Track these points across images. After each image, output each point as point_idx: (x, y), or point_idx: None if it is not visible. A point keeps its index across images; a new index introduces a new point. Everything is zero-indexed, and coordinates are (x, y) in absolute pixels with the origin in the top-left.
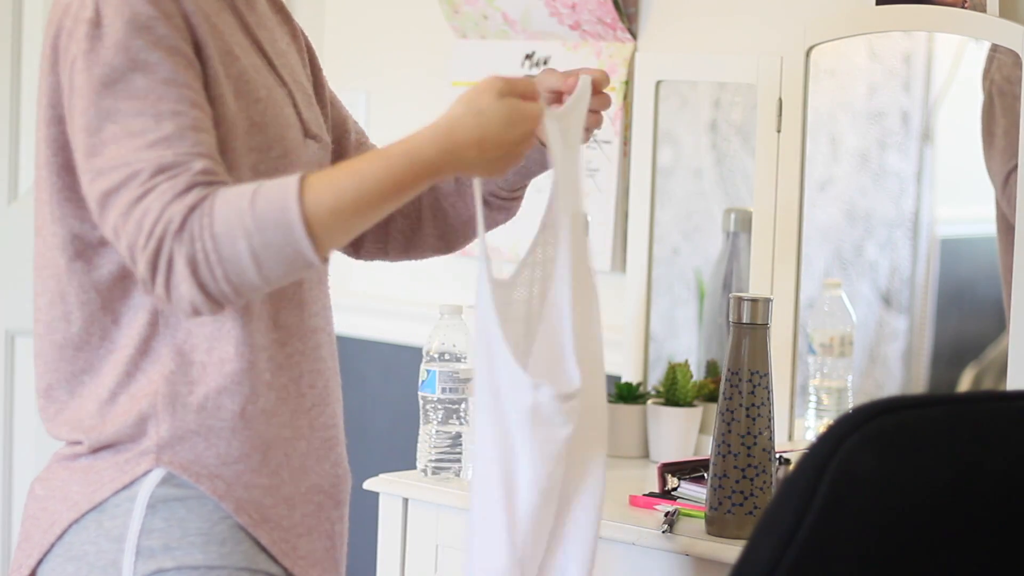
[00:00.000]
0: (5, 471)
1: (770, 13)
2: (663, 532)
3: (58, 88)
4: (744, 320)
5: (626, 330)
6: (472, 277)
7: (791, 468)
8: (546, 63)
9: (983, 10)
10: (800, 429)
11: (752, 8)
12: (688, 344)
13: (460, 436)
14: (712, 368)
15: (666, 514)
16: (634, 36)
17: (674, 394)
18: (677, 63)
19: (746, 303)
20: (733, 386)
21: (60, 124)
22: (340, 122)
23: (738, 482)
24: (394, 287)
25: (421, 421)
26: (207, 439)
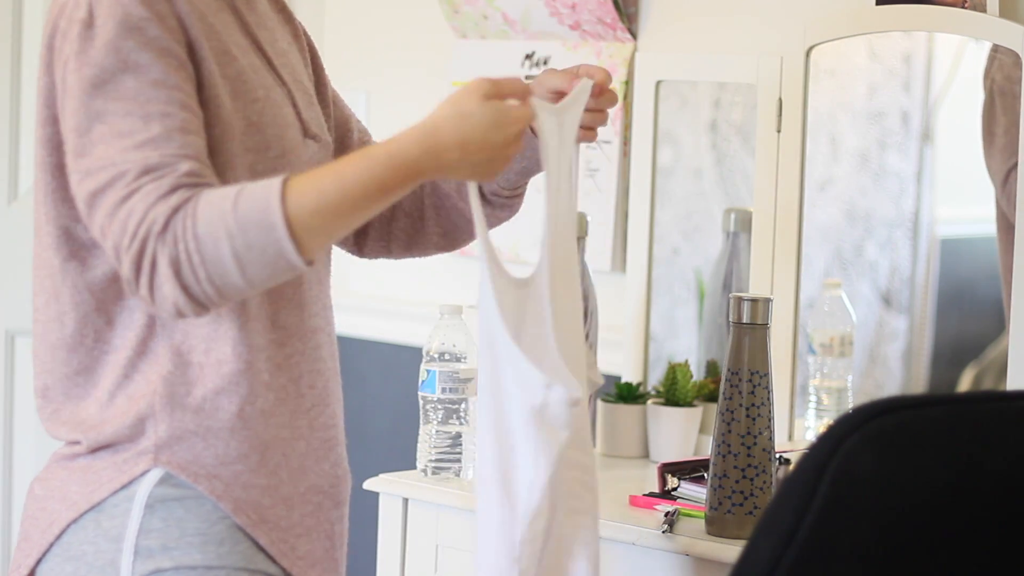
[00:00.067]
0: (5, 471)
1: (770, 13)
2: (663, 532)
3: (53, 88)
4: (744, 320)
5: (626, 330)
6: (472, 277)
7: (791, 468)
8: (546, 63)
9: (983, 10)
10: (800, 429)
11: (752, 8)
12: (688, 344)
13: (460, 436)
14: (712, 368)
15: (666, 514)
16: (634, 36)
17: (674, 394)
18: (677, 63)
19: (746, 303)
20: (733, 386)
21: (55, 124)
22: (343, 121)
23: (738, 482)
24: (394, 287)
25: (421, 421)
26: (205, 439)
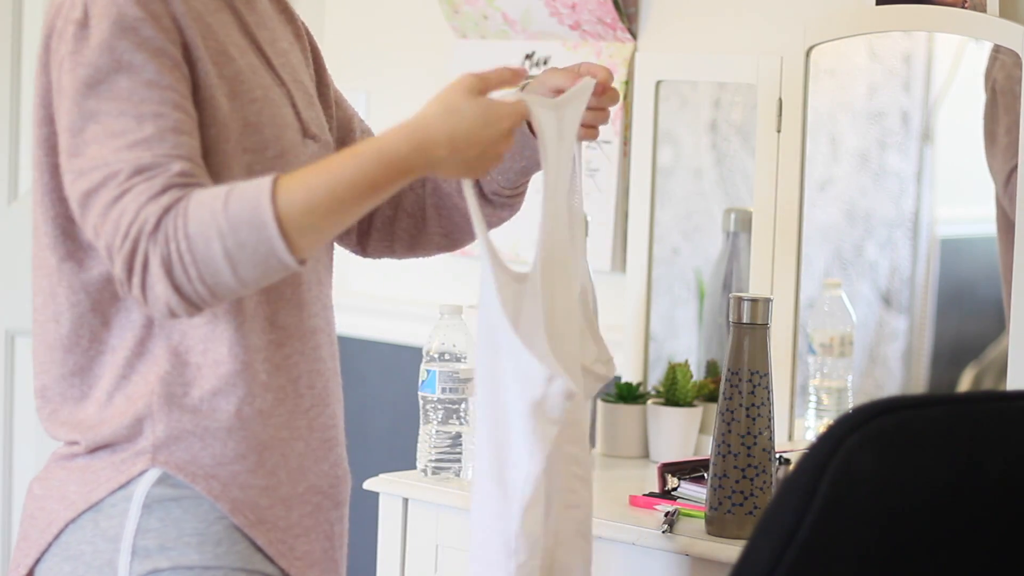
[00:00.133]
0: (5, 471)
1: (770, 13)
2: (663, 532)
3: (49, 88)
4: (744, 320)
5: (626, 330)
6: (472, 277)
7: (791, 468)
8: (546, 63)
9: (983, 10)
10: (800, 429)
11: (752, 8)
12: (688, 344)
13: (460, 436)
14: (712, 368)
15: (666, 514)
16: (634, 36)
17: (674, 394)
18: (677, 63)
19: (746, 303)
20: (733, 386)
21: (51, 124)
22: (345, 121)
23: (738, 482)
24: (394, 287)
25: (421, 421)
26: (203, 440)
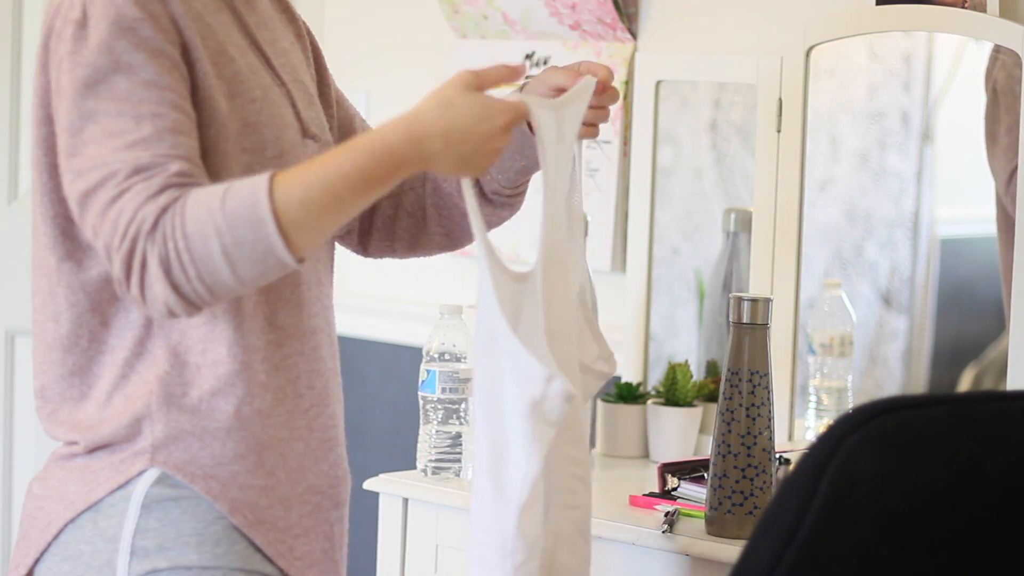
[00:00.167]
0: (5, 471)
1: (770, 13)
2: (663, 532)
3: (48, 89)
4: (744, 320)
5: (626, 330)
6: (472, 277)
7: (791, 468)
8: (546, 63)
9: (983, 10)
10: (800, 429)
11: (752, 8)
12: (688, 344)
13: (460, 436)
14: (712, 368)
15: (666, 514)
16: (634, 36)
17: (674, 394)
18: (677, 63)
19: (746, 303)
20: (733, 386)
21: (50, 124)
22: (347, 121)
23: (738, 482)
24: (394, 287)
25: (421, 421)
26: (202, 440)
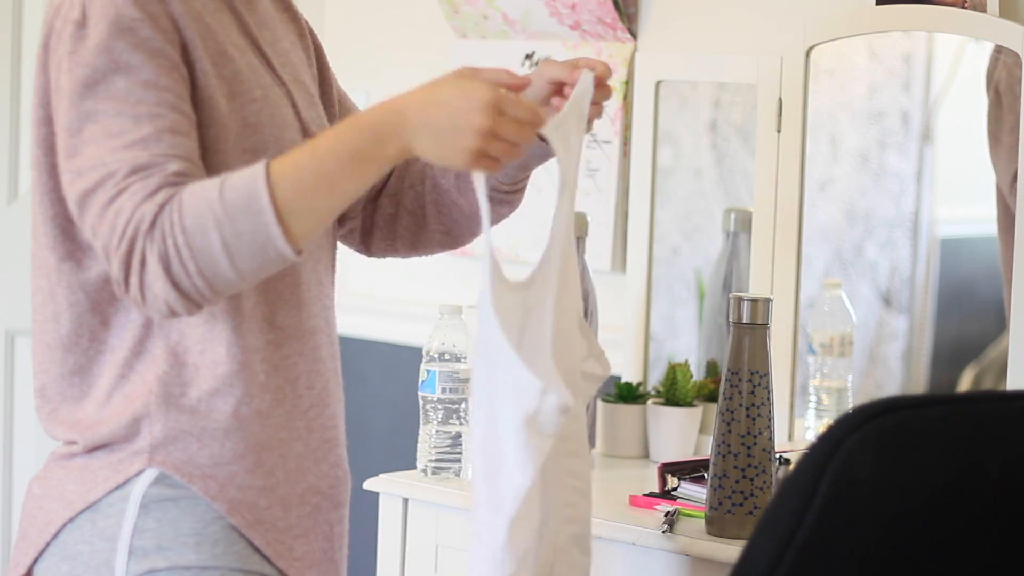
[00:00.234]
0: (5, 471)
1: (770, 13)
2: (663, 532)
3: (48, 89)
4: (744, 320)
5: (626, 330)
6: (472, 277)
7: (791, 468)
8: None
9: (983, 10)
10: (800, 429)
11: (752, 8)
12: (688, 344)
13: (460, 436)
14: (712, 368)
15: (666, 514)
16: (634, 36)
17: (674, 394)
18: (677, 63)
19: (746, 303)
20: (733, 386)
21: (50, 124)
22: None
23: (738, 482)
24: (394, 287)
25: (421, 421)
26: (200, 440)
